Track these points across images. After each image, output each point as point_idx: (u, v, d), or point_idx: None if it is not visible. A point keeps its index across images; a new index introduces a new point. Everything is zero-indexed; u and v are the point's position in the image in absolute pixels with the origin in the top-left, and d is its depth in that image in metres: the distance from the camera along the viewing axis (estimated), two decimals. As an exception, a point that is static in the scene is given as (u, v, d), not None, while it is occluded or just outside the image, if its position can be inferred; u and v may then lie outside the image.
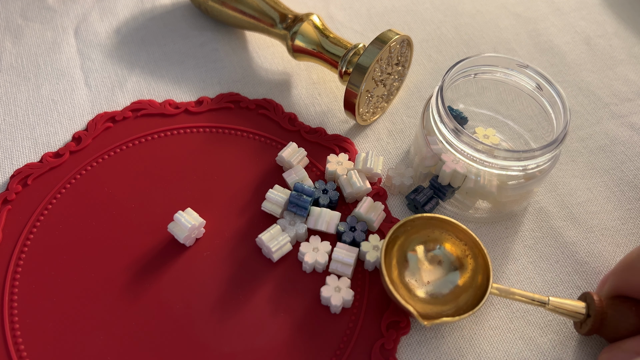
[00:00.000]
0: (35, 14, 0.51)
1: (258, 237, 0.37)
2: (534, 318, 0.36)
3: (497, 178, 0.36)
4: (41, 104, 0.45)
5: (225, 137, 0.43)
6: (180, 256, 0.37)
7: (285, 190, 0.39)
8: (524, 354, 0.35)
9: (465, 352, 0.35)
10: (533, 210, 0.41)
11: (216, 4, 0.48)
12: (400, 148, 0.44)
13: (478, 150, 0.34)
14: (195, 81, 0.47)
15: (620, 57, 0.50)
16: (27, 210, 0.38)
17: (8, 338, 0.33)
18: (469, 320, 0.36)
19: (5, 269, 0.36)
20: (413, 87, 0.48)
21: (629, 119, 0.46)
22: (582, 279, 0.38)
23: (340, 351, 0.34)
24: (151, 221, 0.38)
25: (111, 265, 0.36)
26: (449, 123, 0.35)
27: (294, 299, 0.36)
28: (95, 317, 0.35)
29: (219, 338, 0.34)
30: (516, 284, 0.38)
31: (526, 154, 0.34)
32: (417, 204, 0.39)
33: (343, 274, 0.36)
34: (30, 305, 0.35)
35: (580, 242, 0.39)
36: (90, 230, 0.38)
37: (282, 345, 0.34)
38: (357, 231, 0.37)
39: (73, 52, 0.48)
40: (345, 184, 0.39)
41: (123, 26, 0.50)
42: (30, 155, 0.42)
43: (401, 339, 0.35)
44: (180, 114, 0.44)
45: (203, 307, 0.35)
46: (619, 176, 0.43)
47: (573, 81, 0.49)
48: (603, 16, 0.54)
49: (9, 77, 0.46)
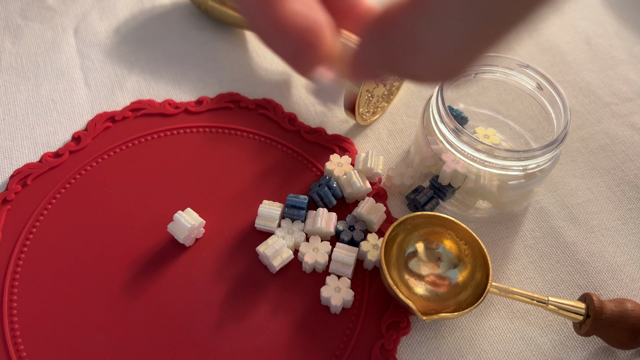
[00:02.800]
0: (35, 14, 0.51)
1: (257, 249, 0.36)
2: (534, 318, 0.36)
3: (497, 178, 0.36)
4: (41, 103, 0.45)
5: (225, 137, 0.43)
6: (180, 256, 0.37)
7: (275, 203, 0.38)
8: (524, 354, 0.35)
9: (465, 352, 0.35)
10: (533, 210, 0.41)
11: (216, 4, 0.48)
12: (400, 148, 0.44)
13: (478, 150, 0.34)
14: (195, 81, 0.47)
15: (620, 57, 0.50)
16: (27, 210, 0.38)
17: (7, 338, 0.33)
18: (469, 320, 0.36)
19: (4, 269, 0.36)
20: (413, 86, 0.48)
21: (629, 118, 0.46)
22: (583, 278, 0.38)
23: (340, 351, 0.34)
24: (151, 221, 0.38)
25: (111, 265, 0.36)
26: (449, 123, 0.35)
27: (294, 299, 0.36)
28: (95, 317, 0.34)
29: (219, 338, 0.34)
30: (516, 283, 0.38)
31: (526, 153, 0.34)
32: (418, 204, 0.39)
33: (343, 274, 0.36)
34: (30, 305, 0.35)
35: (580, 242, 0.39)
36: (89, 230, 0.38)
37: (282, 345, 0.34)
38: (356, 230, 0.37)
39: (73, 52, 0.48)
40: (345, 184, 0.39)
41: (123, 26, 0.50)
42: (29, 155, 0.42)
43: (401, 339, 0.35)
44: (180, 113, 0.44)
45: (203, 307, 0.35)
46: (619, 176, 0.43)
47: (573, 81, 0.49)
48: (603, 16, 0.54)
49: (9, 76, 0.46)
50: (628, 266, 0.38)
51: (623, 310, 0.33)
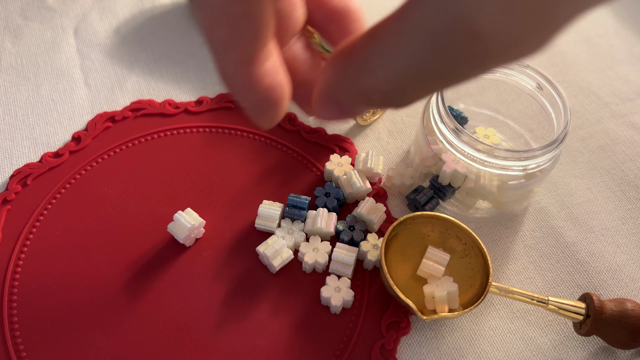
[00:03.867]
0: (35, 14, 0.51)
1: (257, 249, 0.36)
2: (534, 318, 0.36)
3: (497, 178, 0.36)
4: (41, 103, 0.45)
5: (225, 137, 0.43)
6: (180, 256, 0.37)
7: (275, 203, 0.38)
8: (524, 354, 0.35)
9: (465, 352, 0.35)
10: (533, 210, 0.41)
11: (216, 4, 0.48)
12: (400, 148, 0.44)
13: (478, 150, 0.34)
14: (195, 81, 0.47)
15: (620, 57, 0.50)
16: (27, 210, 0.38)
17: (7, 338, 0.33)
18: (469, 320, 0.36)
19: (4, 269, 0.36)
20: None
21: (629, 118, 0.46)
22: (583, 278, 0.38)
23: (340, 351, 0.34)
24: (151, 221, 0.38)
25: (111, 265, 0.36)
26: (449, 123, 0.35)
27: (294, 299, 0.36)
28: (95, 316, 0.34)
29: (219, 338, 0.34)
30: (516, 283, 0.38)
31: (526, 153, 0.34)
32: (418, 204, 0.39)
33: (343, 274, 0.36)
34: (30, 305, 0.35)
35: (580, 242, 0.39)
36: (89, 230, 0.38)
37: (282, 345, 0.34)
38: (356, 230, 0.37)
39: (73, 52, 0.48)
40: (345, 185, 0.39)
41: (123, 26, 0.50)
42: (29, 155, 0.42)
43: (401, 339, 0.35)
44: (180, 113, 0.44)
45: (203, 307, 0.35)
46: (619, 176, 0.43)
47: (573, 81, 0.49)
48: (603, 16, 0.54)
49: (9, 76, 0.46)
50: (628, 266, 0.38)
51: (623, 310, 0.33)
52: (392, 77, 0.16)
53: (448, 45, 0.14)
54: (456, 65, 0.15)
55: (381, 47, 0.16)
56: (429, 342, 0.35)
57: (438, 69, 0.15)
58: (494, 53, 0.14)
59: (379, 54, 0.16)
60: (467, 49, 0.14)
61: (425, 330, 0.35)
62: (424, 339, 0.35)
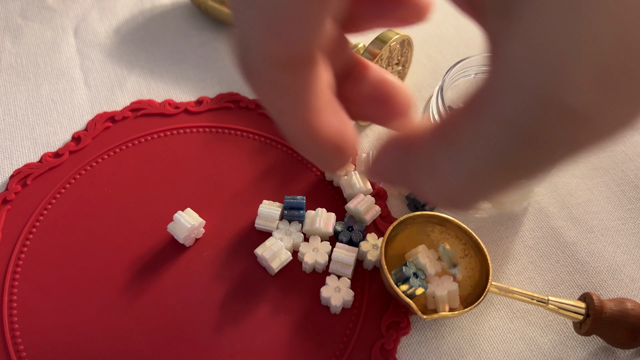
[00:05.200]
0: (35, 14, 0.51)
1: (255, 251, 0.36)
2: (534, 318, 0.36)
3: (497, 178, 0.36)
4: (41, 103, 0.45)
5: (225, 137, 0.43)
6: (180, 256, 0.37)
7: (275, 203, 0.38)
8: (524, 354, 0.35)
9: (465, 352, 0.35)
10: (533, 210, 0.41)
11: (216, 4, 0.48)
12: (400, 148, 0.44)
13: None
14: (195, 81, 0.47)
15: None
16: (27, 210, 0.38)
17: (7, 338, 0.33)
18: (469, 320, 0.36)
19: (4, 269, 0.36)
20: (413, 87, 0.48)
21: (629, 118, 0.46)
22: (583, 278, 0.38)
23: (340, 351, 0.34)
24: (151, 221, 0.38)
25: (111, 265, 0.36)
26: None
27: (294, 299, 0.36)
28: (95, 317, 0.34)
29: (219, 338, 0.34)
30: (516, 283, 0.38)
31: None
32: (418, 204, 0.39)
33: (343, 274, 0.36)
34: (30, 305, 0.35)
35: (580, 242, 0.39)
36: (89, 230, 0.38)
37: (282, 345, 0.34)
38: (355, 231, 0.37)
39: (72, 52, 0.48)
40: (345, 185, 0.39)
41: (123, 26, 0.50)
42: (29, 155, 0.42)
43: (401, 339, 0.35)
44: (180, 113, 0.44)
45: (203, 307, 0.35)
46: (619, 176, 0.43)
47: (573, 81, 0.48)
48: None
49: (9, 77, 0.46)
50: (628, 266, 0.38)
51: (623, 309, 0.33)
52: (463, 182, 0.14)
53: (538, 133, 0.12)
54: (547, 155, 0.13)
55: (452, 150, 0.14)
56: (429, 342, 0.35)
57: (523, 162, 0.13)
58: (594, 134, 0.13)
59: (443, 155, 0.14)
60: (563, 134, 0.12)
61: (425, 330, 0.35)
62: (424, 339, 0.35)
